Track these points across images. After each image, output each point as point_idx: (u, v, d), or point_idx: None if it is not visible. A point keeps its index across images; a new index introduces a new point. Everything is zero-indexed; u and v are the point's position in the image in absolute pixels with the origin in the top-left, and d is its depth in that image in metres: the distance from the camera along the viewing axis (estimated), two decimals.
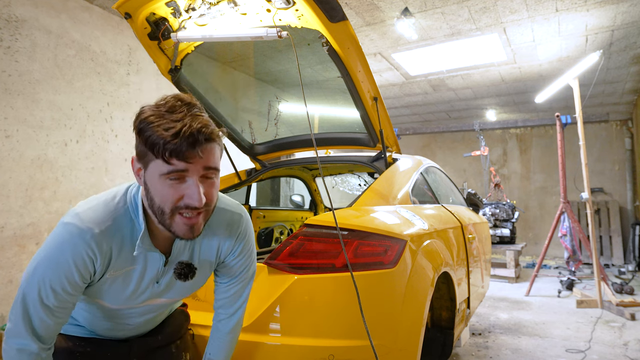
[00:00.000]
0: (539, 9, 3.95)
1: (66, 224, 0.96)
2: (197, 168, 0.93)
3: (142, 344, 1.29)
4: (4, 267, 2.97)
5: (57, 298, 0.97)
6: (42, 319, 0.97)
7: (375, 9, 3.97)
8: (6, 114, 3.02)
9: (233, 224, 1.19)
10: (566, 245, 5.14)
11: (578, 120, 4.52)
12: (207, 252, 1.17)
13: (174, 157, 0.89)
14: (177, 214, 0.95)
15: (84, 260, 0.96)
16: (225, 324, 1.29)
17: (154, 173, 0.93)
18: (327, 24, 1.65)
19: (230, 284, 1.26)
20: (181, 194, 0.94)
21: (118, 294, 1.08)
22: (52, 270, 0.95)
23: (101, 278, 1.03)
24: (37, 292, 0.95)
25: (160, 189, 0.93)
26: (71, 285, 0.97)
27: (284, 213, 3.63)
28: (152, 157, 0.91)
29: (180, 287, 1.17)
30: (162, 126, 0.88)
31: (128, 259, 1.03)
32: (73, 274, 0.96)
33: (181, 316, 1.44)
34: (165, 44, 1.98)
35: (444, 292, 2.20)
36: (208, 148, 0.94)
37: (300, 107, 2.93)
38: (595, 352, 2.96)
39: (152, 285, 1.11)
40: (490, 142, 9.37)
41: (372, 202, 1.89)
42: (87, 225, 0.96)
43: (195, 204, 0.94)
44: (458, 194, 3.41)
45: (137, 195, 1.04)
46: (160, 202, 0.95)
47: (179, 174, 0.92)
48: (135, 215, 1.02)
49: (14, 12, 3.12)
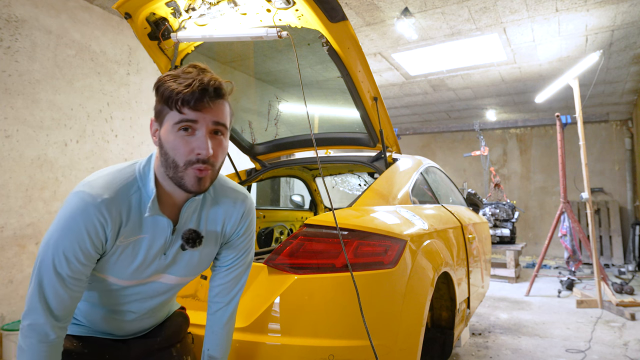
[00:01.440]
0: (539, 9, 3.95)
1: (77, 192, 1.00)
2: (206, 121, 1.01)
3: (141, 345, 1.27)
4: (4, 267, 2.97)
5: (70, 267, 0.99)
6: (56, 291, 0.99)
7: (375, 9, 3.97)
8: (6, 114, 3.02)
9: (238, 201, 1.24)
10: (566, 245, 5.14)
11: (578, 120, 4.52)
12: (213, 222, 1.21)
13: (185, 106, 0.98)
14: (190, 167, 1.02)
15: (95, 226, 0.99)
16: (221, 314, 1.28)
17: (168, 127, 1.01)
18: (327, 24, 1.65)
19: (230, 267, 1.27)
20: (192, 146, 1.01)
21: (126, 265, 1.09)
22: (65, 238, 0.98)
23: (112, 247, 1.05)
24: (52, 262, 0.98)
25: (173, 141, 1.01)
26: (83, 253, 1.00)
27: (284, 213, 3.63)
28: (167, 110, 1.01)
29: (187, 261, 1.18)
30: (176, 82, 0.99)
31: (136, 227, 1.07)
32: (85, 240, 0.99)
33: (180, 318, 1.42)
34: (165, 44, 1.98)
35: (444, 292, 2.21)
36: (217, 102, 1.03)
37: (300, 107, 2.93)
38: (595, 352, 2.96)
39: (159, 256, 1.13)
40: (490, 142, 9.37)
41: (372, 202, 1.89)
42: (97, 191, 1.00)
43: (203, 155, 1.00)
44: (458, 194, 3.41)
45: (146, 167, 1.09)
46: (174, 155, 1.01)
47: (189, 124, 1.00)
48: (142, 183, 1.08)
49: (14, 12, 3.12)
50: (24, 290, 3.07)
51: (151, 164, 1.09)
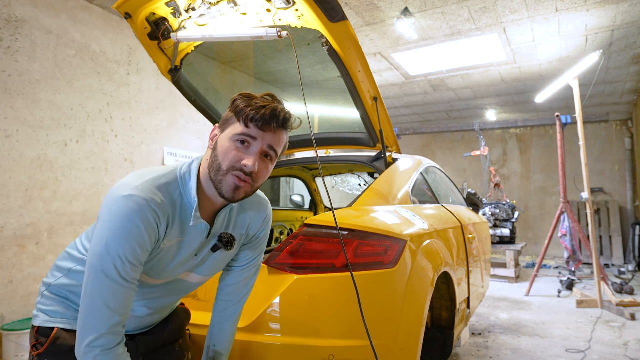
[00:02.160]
0: (539, 9, 3.95)
1: (130, 196, 0.99)
2: (264, 141, 1.08)
3: (148, 341, 1.29)
4: (4, 267, 2.97)
5: (133, 270, 1.00)
6: (116, 295, 0.98)
7: (375, 9, 3.97)
8: (6, 114, 3.02)
9: (261, 206, 1.32)
10: (566, 245, 5.14)
11: (578, 120, 4.52)
12: (240, 227, 1.28)
13: (252, 123, 1.06)
14: (231, 173, 1.07)
15: (152, 225, 1.02)
16: (231, 312, 1.33)
17: (228, 134, 1.08)
18: (327, 24, 1.65)
19: (245, 268, 1.33)
20: (242, 157, 1.07)
21: (164, 266, 1.13)
22: (126, 242, 0.98)
23: (155, 251, 1.08)
24: (114, 268, 0.97)
25: (227, 147, 1.07)
26: (143, 252, 1.02)
27: (284, 213, 3.63)
28: (234, 120, 1.08)
29: (211, 263, 1.24)
30: (253, 101, 1.08)
31: (178, 230, 1.11)
32: (145, 239, 1.01)
33: (182, 314, 1.45)
34: (165, 44, 1.98)
35: (444, 292, 2.20)
36: (280, 131, 1.11)
37: (300, 107, 2.93)
38: (595, 352, 2.96)
39: (192, 257, 1.18)
40: (490, 142, 9.37)
41: (372, 202, 1.89)
42: (149, 195, 1.03)
43: (249, 167, 1.06)
44: (458, 194, 3.41)
45: (187, 172, 1.13)
46: (222, 159, 1.07)
47: (248, 138, 1.07)
48: (184, 189, 1.12)
49: (14, 12, 3.12)
50: (24, 290, 3.07)
51: (192, 170, 1.13)
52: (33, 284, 3.12)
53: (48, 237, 3.26)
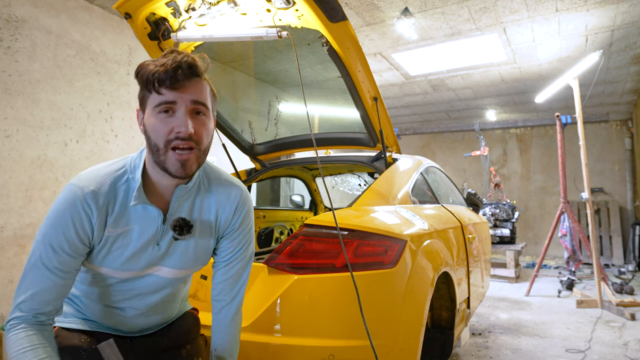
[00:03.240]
0: (539, 9, 3.95)
1: (67, 185, 1.05)
2: (184, 100, 1.02)
3: (147, 344, 1.26)
4: (4, 267, 2.97)
5: (57, 258, 1.01)
6: (44, 283, 1.01)
7: (375, 9, 3.97)
8: (6, 114, 3.02)
9: (231, 192, 1.23)
10: (566, 245, 5.14)
11: (578, 120, 4.52)
12: (207, 211, 1.20)
13: (162, 86, 1.00)
14: (170, 149, 1.02)
15: (80, 215, 1.02)
16: (226, 311, 1.26)
17: (149, 111, 1.03)
18: (327, 24, 1.65)
19: (229, 263, 1.25)
20: (171, 126, 1.01)
21: (118, 255, 1.10)
22: (52, 230, 1.01)
23: (101, 239, 1.07)
24: (39, 252, 1.01)
25: (154, 123, 1.02)
26: (69, 242, 1.02)
27: (284, 213, 3.63)
28: (147, 94, 1.03)
29: (181, 253, 1.17)
30: (152, 65, 1.01)
31: (124, 217, 1.08)
32: (70, 229, 1.02)
33: (190, 319, 1.39)
34: (165, 44, 1.98)
35: (444, 292, 2.20)
36: (194, 81, 1.03)
37: (300, 107, 2.94)
38: (595, 352, 2.96)
39: (152, 246, 1.12)
40: (490, 142, 9.37)
41: (372, 202, 1.89)
42: (84, 183, 1.04)
43: (183, 132, 1.00)
44: (458, 194, 3.41)
45: (137, 158, 1.11)
46: (155, 138, 1.02)
47: (168, 105, 1.01)
48: (132, 175, 1.09)
49: (14, 12, 3.12)
50: None
51: (142, 155, 1.11)
52: None
53: None
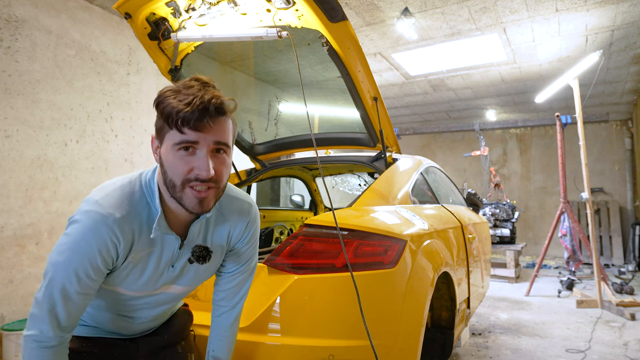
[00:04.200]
0: (539, 9, 3.95)
1: (87, 211, 0.99)
2: (207, 140, 0.97)
3: (149, 344, 1.29)
4: (4, 267, 2.97)
5: (80, 284, 0.99)
6: (64, 304, 0.99)
7: (375, 9, 3.97)
8: (6, 114, 3.02)
9: (243, 211, 1.23)
10: (566, 245, 5.14)
11: (578, 120, 4.52)
12: (219, 237, 1.20)
13: (185, 126, 0.94)
14: (188, 187, 0.99)
15: (107, 245, 0.99)
16: (226, 317, 1.30)
17: (168, 146, 0.98)
18: (327, 24, 1.65)
19: (235, 273, 1.28)
20: (191, 166, 0.98)
21: (136, 279, 1.10)
22: (76, 258, 0.98)
23: (123, 263, 1.06)
24: (61, 279, 0.98)
25: (172, 160, 0.98)
26: (94, 270, 1.00)
27: (284, 213, 3.63)
28: (167, 129, 0.97)
29: (194, 273, 1.19)
30: (177, 98, 0.94)
31: (146, 242, 1.06)
32: (97, 259, 0.99)
33: (185, 315, 1.44)
34: (165, 44, 1.98)
35: (444, 292, 2.20)
36: (219, 120, 0.99)
37: (300, 107, 2.93)
38: (595, 352, 2.96)
39: (167, 268, 1.13)
40: (490, 142, 9.37)
41: (372, 202, 1.89)
42: (108, 211, 0.99)
43: (203, 175, 0.97)
44: (458, 194, 3.41)
45: (152, 180, 1.07)
46: (172, 175, 0.99)
47: (190, 144, 0.97)
48: (151, 198, 1.06)
49: (14, 12, 3.12)
50: (24, 290, 3.07)
51: (155, 178, 1.07)
52: (33, 284, 3.12)
53: (48, 237, 3.26)
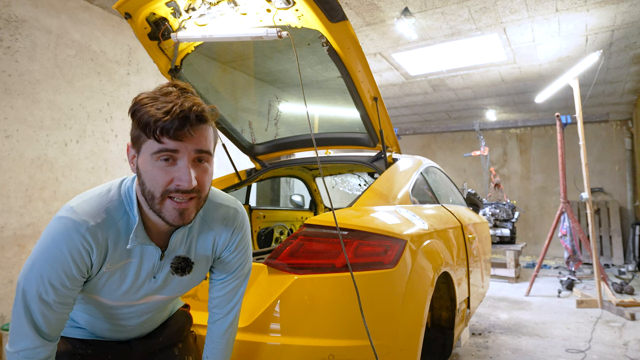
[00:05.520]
0: (539, 9, 3.95)
1: (60, 217, 0.96)
2: (188, 149, 0.93)
3: (143, 346, 1.27)
4: (4, 267, 2.97)
5: (56, 293, 0.96)
6: (43, 315, 0.97)
7: (375, 9, 3.97)
8: (6, 114, 3.02)
9: (229, 218, 1.18)
10: (566, 245, 5.14)
11: (578, 120, 4.52)
12: (204, 247, 1.16)
13: (164, 135, 0.89)
14: (167, 198, 0.94)
15: (80, 252, 0.95)
16: (220, 324, 1.27)
17: (146, 155, 0.93)
18: (327, 24, 1.65)
19: (225, 281, 1.24)
20: (171, 176, 0.93)
21: (115, 289, 1.06)
22: (49, 265, 0.95)
23: (98, 272, 1.02)
24: (36, 289, 0.96)
25: (151, 170, 0.93)
26: (69, 279, 0.97)
27: (284, 213, 3.63)
28: (144, 138, 0.92)
29: (178, 283, 1.15)
30: (154, 106, 0.89)
31: (124, 252, 1.03)
32: (70, 267, 0.96)
33: (182, 317, 1.42)
34: (165, 44, 1.98)
35: (444, 292, 2.20)
36: (200, 129, 0.94)
37: (300, 107, 2.93)
38: (595, 352, 2.96)
39: (148, 280, 1.09)
40: (490, 142, 9.37)
41: (372, 202, 1.89)
42: (82, 217, 0.95)
43: (185, 186, 0.92)
44: (458, 194, 3.41)
45: (131, 188, 1.03)
46: (150, 186, 0.94)
47: (169, 153, 0.92)
48: (130, 207, 1.01)
49: (14, 12, 3.12)
50: None
51: (134, 187, 1.02)
52: None
53: None
